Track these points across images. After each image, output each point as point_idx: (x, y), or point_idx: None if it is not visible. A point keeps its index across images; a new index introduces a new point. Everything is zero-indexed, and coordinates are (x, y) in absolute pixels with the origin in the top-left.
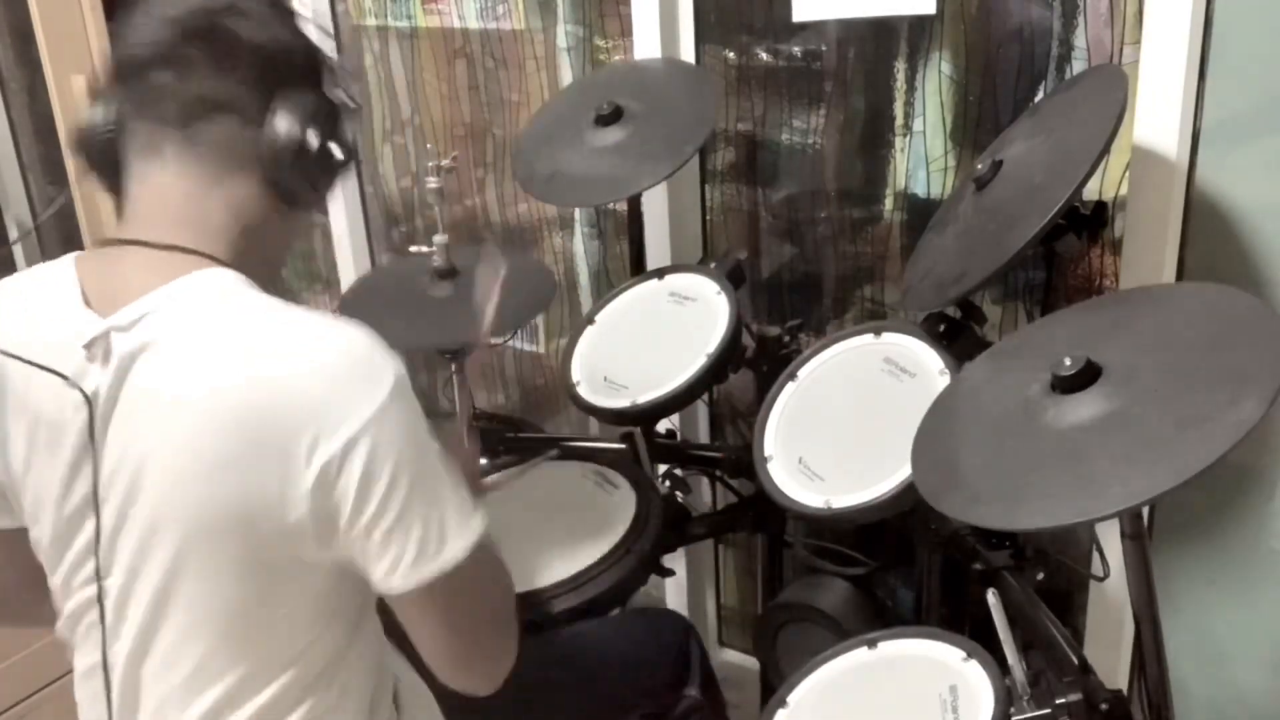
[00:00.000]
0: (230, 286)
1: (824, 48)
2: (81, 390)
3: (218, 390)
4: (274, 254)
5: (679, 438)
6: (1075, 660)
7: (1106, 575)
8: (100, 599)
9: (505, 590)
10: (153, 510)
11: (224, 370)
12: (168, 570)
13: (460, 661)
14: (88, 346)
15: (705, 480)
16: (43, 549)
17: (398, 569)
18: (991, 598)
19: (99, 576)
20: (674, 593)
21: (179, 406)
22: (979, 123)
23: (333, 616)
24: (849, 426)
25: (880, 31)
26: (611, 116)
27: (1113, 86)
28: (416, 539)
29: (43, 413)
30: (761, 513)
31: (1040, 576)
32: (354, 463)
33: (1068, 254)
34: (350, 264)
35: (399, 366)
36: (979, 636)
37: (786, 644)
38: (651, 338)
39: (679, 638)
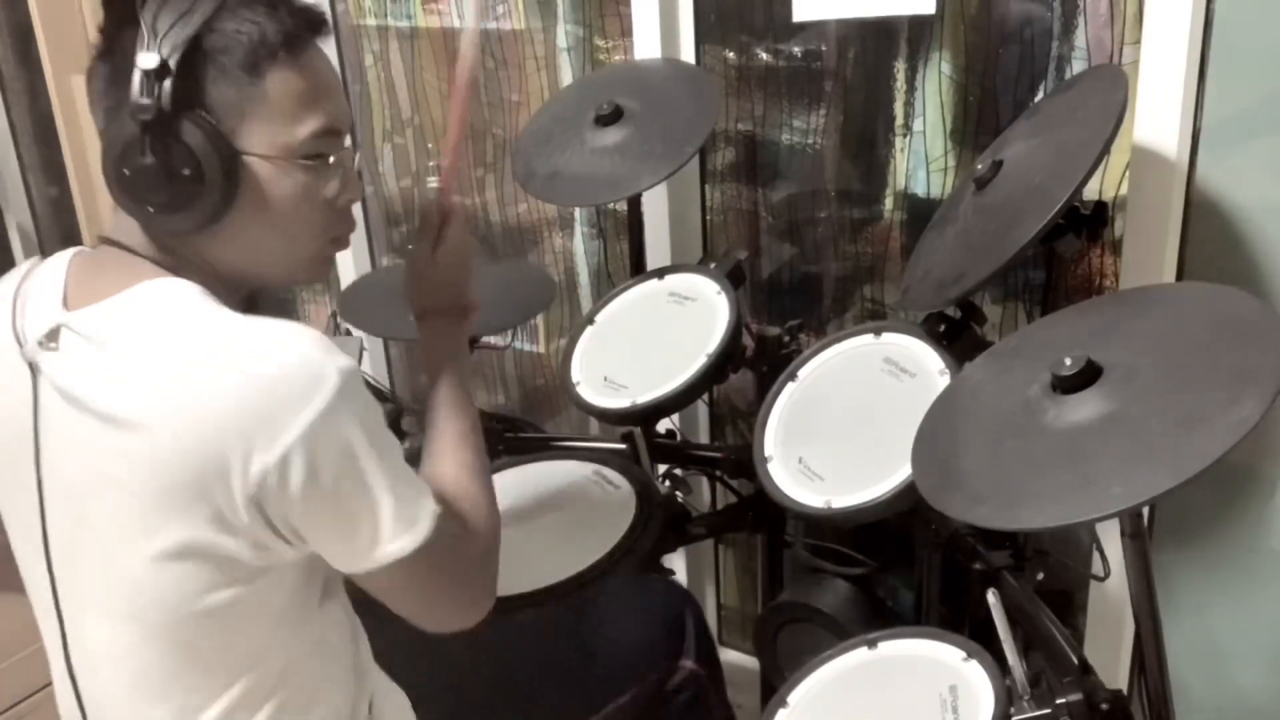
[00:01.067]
0: (179, 298)
1: (824, 48)
2: (32, 373)
3: (155, 401)
4: (235, 269)
5: (679, 438)
6: (1075, 660)
7: (1106, 575)
8: (57, 605)
9: (467, 561)
10: (94, 516)
11: (162, 381)
12: (116, 578)
13: (426, 621)
14: (44, 336)
15: (705, 480)
16: (16, 554)
17: (347, 559)
18: (991, 598)
19: (53, 582)
20: None
21: (116, 417)
22: (979, 123)
23: (290, 615)
24: (849, 426)
25: (880, 31)
26: (611, 116)
27: (1113, 86)
28: (368, 531)
29: (11, 394)
30: (761, 513)
31: (1040, 576)
32: (293, 471)
33: (1068, 254)
34: (350, 264)
35: (345, 365)
36: (979, 636)
37: (786, 644)
38: (651, 338)
39: (676, 608)
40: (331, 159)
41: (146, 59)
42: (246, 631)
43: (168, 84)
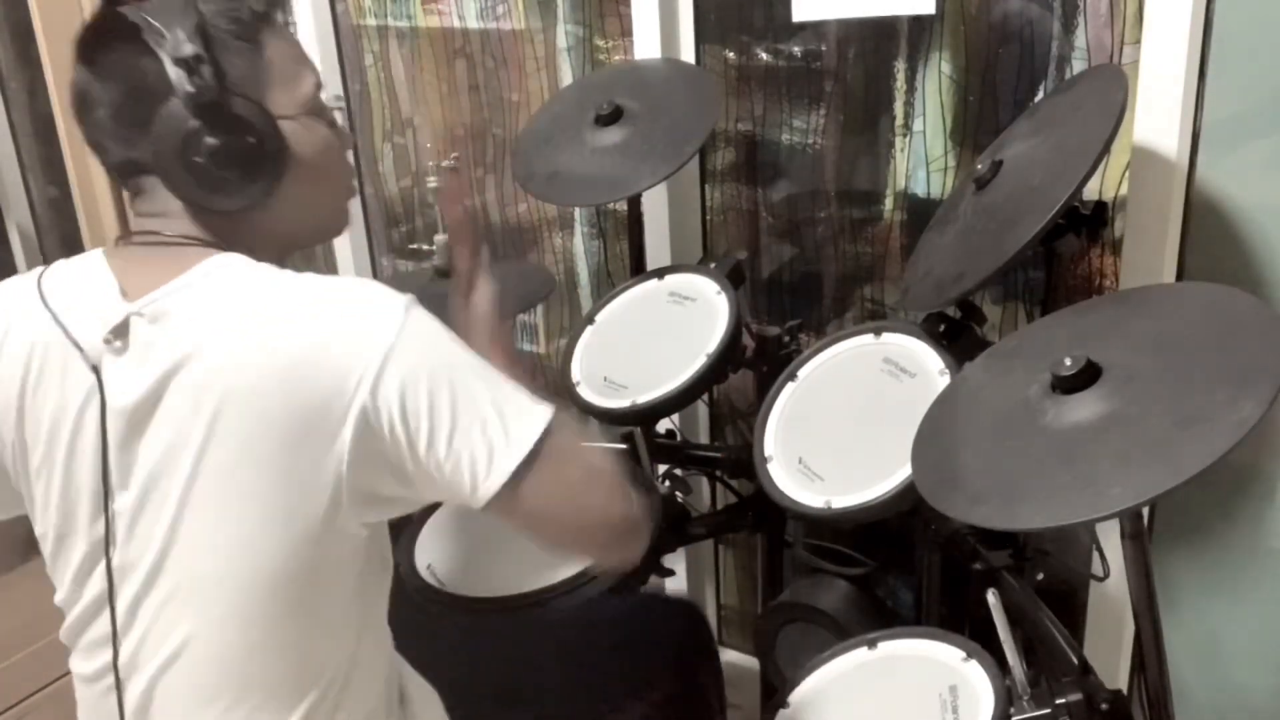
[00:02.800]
0: (239, 268)
1: (824, 48)
2: (96, 374)
3: (237, 372)
4: (287, 234)
5: (679, 438)
6: (1075, 660)
7: (1106, 575)
8: (112, 602)
9: (597, 468)
10: (173, 506)
11: (241, 349)
12: (187, 572)
13: (590, 544)
14: (111, 332)
15: (705, 480)
16: (48, 544)
17: (476, 474)
18: (991, 598)
19: (110, 578)
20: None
21: (199, 392)
22: (979, 123)
23: (344, 622)
24: (849, 426)
25: (880, 31)
26: (611, 116)
27: (1113, 86)
28: (481, 439)
29: (66, 398)
30: (761, 513)
31: (1040, 576)
32: (388, 399)
33: (1068, 254)
34: (350, 264)
35: (406, 297)
36: (979, 636)
37: (786, 644)
38: (651, 338)
39: (688, 624)
40: (334, 112)
41: (180, 48)
42: (314, 625)
43: (205, 68)
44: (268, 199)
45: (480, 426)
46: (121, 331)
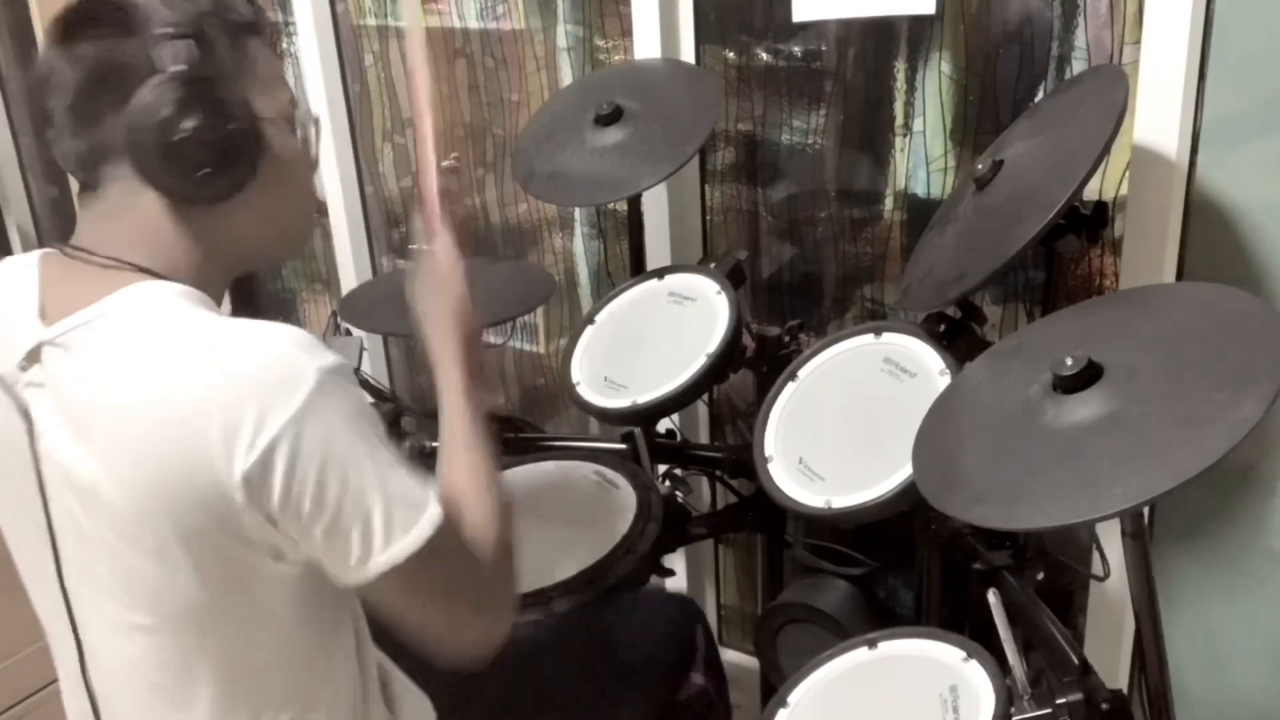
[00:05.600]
0: (160, 300)
1: (824, 48)
2: (17, 402)
3: (139, 405)
4: (244, 247)
5: (679, 438)
6: (1075, 660)
7: (1106, 575)
8: (71, 616)
9: (475, 570)
10: (100, 530)
11: (143, 385)
12: (131, 590)
13: (437, 641)
14: (25, 358)
15: (705, 480)
16: (19, 564)
17: (347, 565)
18: (991, 598)
19: (66, 598)
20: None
21: (105, 422)
22: (979, 123)
23: (308, 625)
24: (849, 426)
25: (880, 31)
26: (611, 116)
27: (1113, 86)
28: (359, 536)
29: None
30: (761, 513)
31: (1040, 576)
32: (276, 468)
33: (1068, 254)
34: (350, 264)
35: (326, 364)
36: (979, 636)
37: (786, 644)
38: (651, 338)
39: (686, 623)
40: (308, 127)
41: (168, 28)
42: (265, 638)
43: (193, 50)
44: (238, 195)
45: (362, 526)
46: (34, 358)
